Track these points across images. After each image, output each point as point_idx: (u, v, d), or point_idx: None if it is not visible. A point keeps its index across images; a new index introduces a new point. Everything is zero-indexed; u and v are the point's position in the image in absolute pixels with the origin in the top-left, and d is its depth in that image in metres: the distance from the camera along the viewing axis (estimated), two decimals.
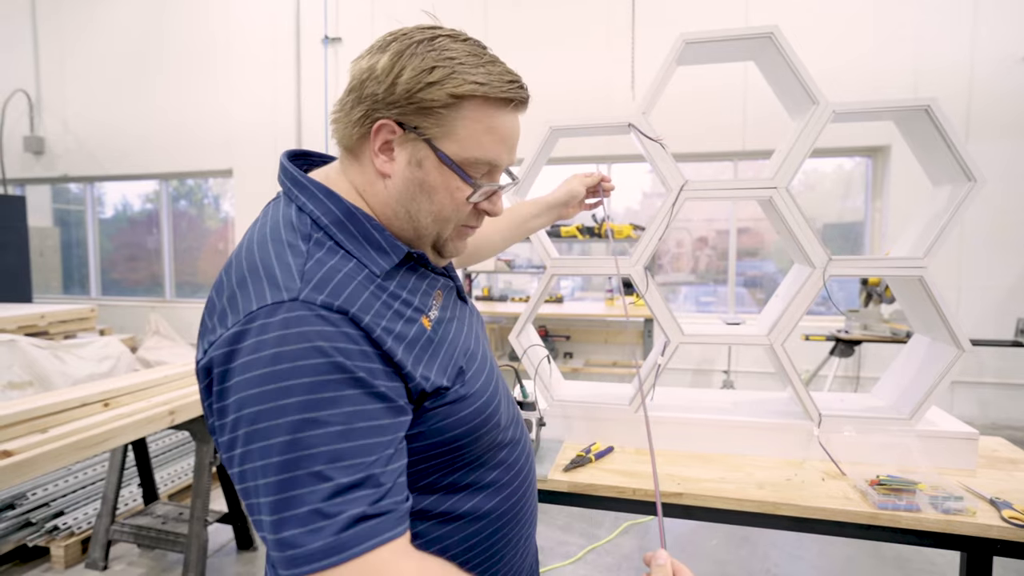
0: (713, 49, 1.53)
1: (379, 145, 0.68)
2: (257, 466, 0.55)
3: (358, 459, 0.56)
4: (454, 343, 0.74)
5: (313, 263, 0.62)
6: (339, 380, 0.57)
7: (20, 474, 1.85)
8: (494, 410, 0.76)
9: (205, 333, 0.62)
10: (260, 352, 0.56)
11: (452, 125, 0.66)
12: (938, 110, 1.40)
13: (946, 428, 1.48)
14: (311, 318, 0.57)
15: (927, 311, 1.49)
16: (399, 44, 0.66)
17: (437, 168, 0.68)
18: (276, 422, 0.54)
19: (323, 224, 0.67)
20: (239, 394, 0.56)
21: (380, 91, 0.65)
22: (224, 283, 0.63)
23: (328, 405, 0.56)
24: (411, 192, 0.69)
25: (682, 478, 1.41)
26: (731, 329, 1.69)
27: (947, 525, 1.21)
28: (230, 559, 2.71)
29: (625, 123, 1.52)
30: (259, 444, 0.55)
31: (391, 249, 0.69)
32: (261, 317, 0.57)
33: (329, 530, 0.52)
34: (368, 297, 0.64)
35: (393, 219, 0.72)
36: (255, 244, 0.65)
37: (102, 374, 3.98)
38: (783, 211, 1.48)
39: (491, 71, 0.67)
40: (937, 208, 1.50)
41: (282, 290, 0.59)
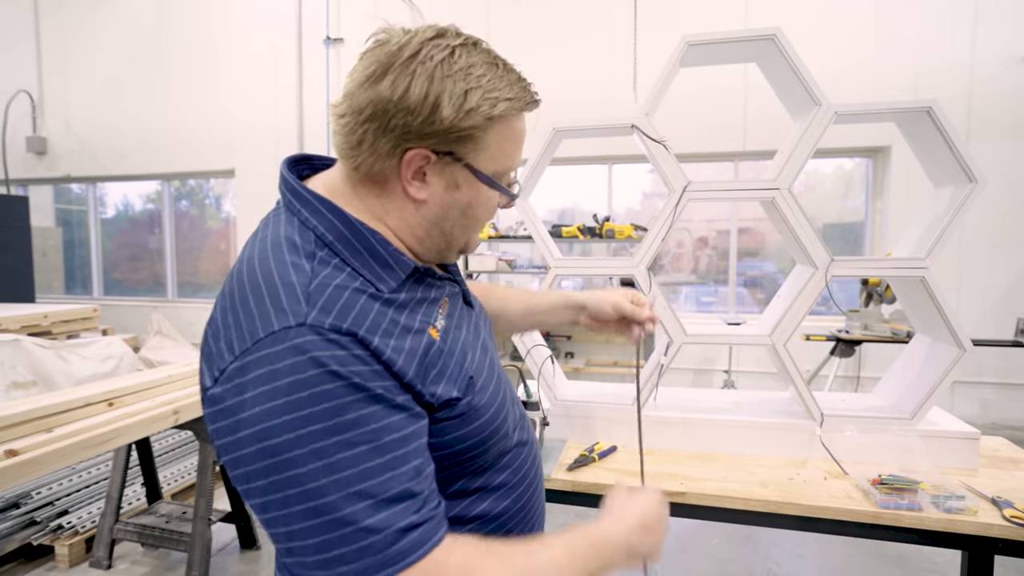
0: (715, 51, 1.54)
1: (412, 174, 0.66)
2: (290, 495, 0.55)
3: (394, 472, 0.57)
4: (463, 351, 0.73)
5: (318, 283, 0.61)
6: (359, 399, 0.57)
7: (25, 473, 1.86)
8: (503, 419, 0.76)
9: (212, 358, 0.60)
10: (275, 382, 0.55)
11: (486, 143, 0.67)
12: (939, 112, 1.41)
13: (947, 428, 1.49)
14: (321, 343, 0.57)
15: (928, 311, 1.50)
16: (423, 67, 0.62)
17: (475, 187, 0.69)
18: (303, 450, 0.54)
19: (328, 240, 0.65)
20: (258, 426, 0.55)
21: (415, 123, 0.62)
22: (227, 304, 0.62)
23: (353, 426, 0.56)
24: (448, 214, 0.70)
25: (685, 477, 1.42)
26: (733, 329, 1.70)
27: (949, 524, 1.22)
28: (233, 558, 2.72)
29: (628, 124, 1.53)
30: (288, 473, 0.54)
31: (397, 265, 0.68)
32: (269, 345, 0.56)
33: (380, 544, 0.54)
34: (376, 316, 0.62)
35: (425, 239, 0.72)
36: (256, 262, 0.63)
37: (105, 374, 3.99)
38: (786, 212, 1.49)
39: (511, 81, 0.67)
40: (939, 209, 1.51)
41: (288, 314, 0.58)
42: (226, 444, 0.58)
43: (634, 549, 0.73)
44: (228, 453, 0.58)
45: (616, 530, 0.72)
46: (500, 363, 0.87)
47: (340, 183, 0.71)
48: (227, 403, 0.57)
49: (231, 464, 0.58)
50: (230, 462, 0.58)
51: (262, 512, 0.57)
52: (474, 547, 0.62)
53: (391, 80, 0.62)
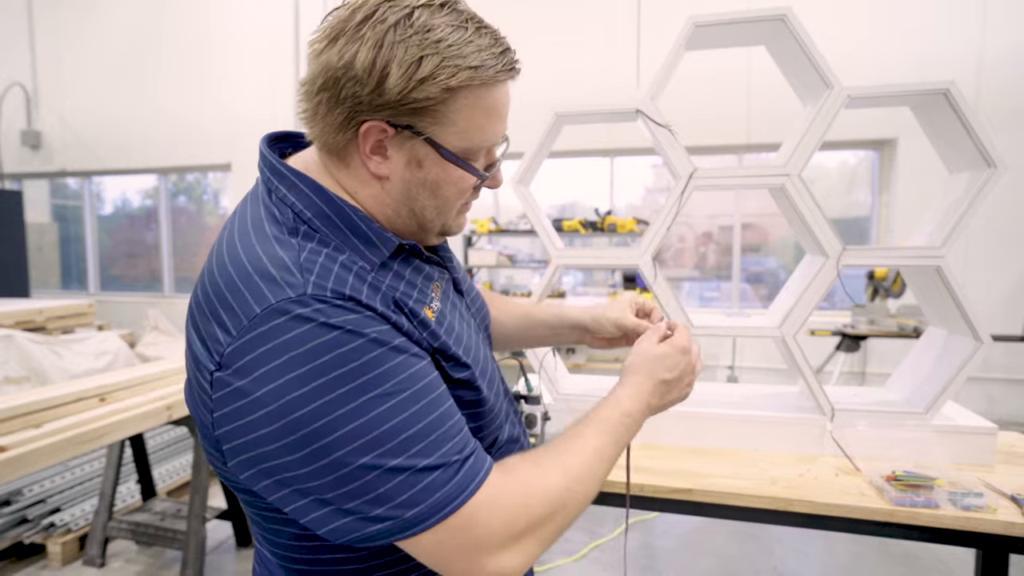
0: (723, 32, 1.49)
1: (370, 147, 0.62)
2: (337, 457, 0.53)
3: (436, 412, 0.58)
4: (459, 338, 0.70)
5: (307, 254, 0.59)
6: (383, 352, 0.56)
7: (14, 470, 1.81)
8: (499, 408, 0.75)
9: (207, 340, 0.57)
10: (288, 353, 0.53)
11: (449, 117, 0.61)
12: (957, 94, 1.35)
13: (963, 423, 1.44)
14: (328, 309, 0.55)
15: (944, 303, 1.45)
16: (373, 32, 0.57)
17: (439, 164, 0.64)
18: (340, 411, 0.53)
19: (306, 217, 0.62)
20: (278, 401, 0.53)
21: (364, 93, 0.58)
22: (212, 285, 0.58)
23: (387, 377, 0.55)
24: (413, 192, 0.65)
25: (693, 474, 1.37)
26: (741, 321, 1.65)
27: (967, 522, 1.17)
28: (228, 556, 2.67)
29: (633, 109, 1.48)
30: (328, 439, 0.53)
31: (380, 242, 0.64)
32: (270, 319, 0.54)
33: (443, 479, 0.55)
34: (368, 289, 0.60)
35: (395, 218, 0.68)
36: (237, 240, 0.60)
37: (99, 369, 3.94)
38: (795, 199, 1.44)
39: (480, 46, 0.60)
40: (955, 196, 1.46)
41: (283, 286, 0.55)
42: (240, 427, 0.55)
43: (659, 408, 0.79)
44: (243, 436, 0.55)
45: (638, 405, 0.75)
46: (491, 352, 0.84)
47: (316, 158, 0.67)
48: (236, 384, 0.54)
49: (247, 447, 0.55)
50: (245, 444, 0.55)
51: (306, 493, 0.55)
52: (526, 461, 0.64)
53: (340, 46, 0.58)
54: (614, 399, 0.74)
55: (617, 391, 0.76)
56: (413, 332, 0.62)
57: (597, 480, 0.67)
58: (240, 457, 0.56)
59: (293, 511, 0.56)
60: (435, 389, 0.60)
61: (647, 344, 0.81)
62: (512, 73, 0.64)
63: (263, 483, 0.56)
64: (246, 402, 0.54)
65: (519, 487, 0.60)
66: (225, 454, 0.57)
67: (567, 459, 0.65)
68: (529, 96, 4.91)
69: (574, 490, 0.63)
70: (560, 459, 0.65)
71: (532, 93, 4.99)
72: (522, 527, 0.58)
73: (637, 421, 0.74)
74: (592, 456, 0.66)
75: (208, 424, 0.58)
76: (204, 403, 0.58)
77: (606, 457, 0.68)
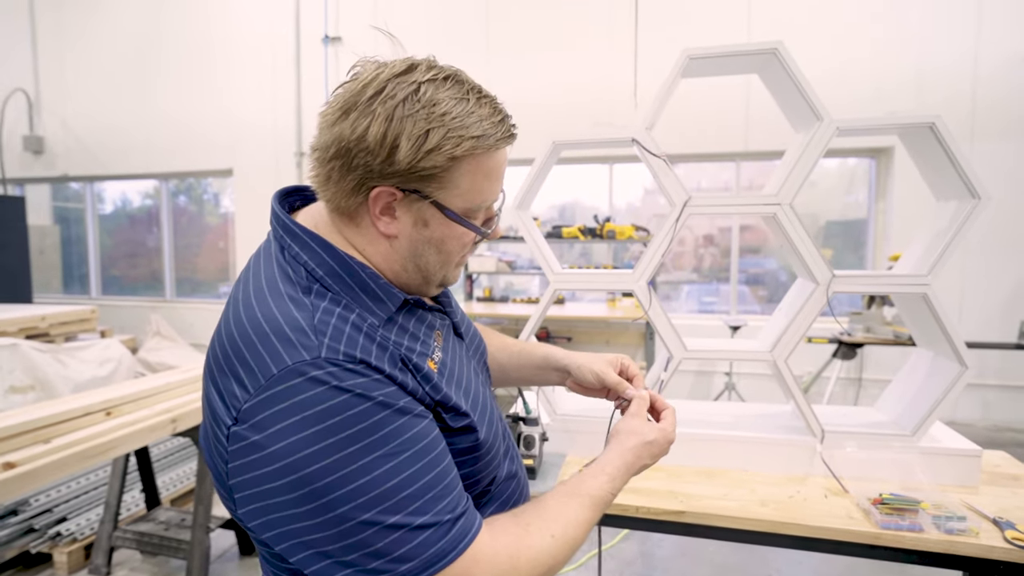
0: (717, 64, 1.52)
1: (379, 210, 0.67)
2: (337, 515, 0.57)
3: (434, 472, 0.62)
4: (459, 384, 0.74)
5: (321, 314, 0.62)
6: (388, 415, 0.60)
7: (23, 485, 1.85)
8: (495, 453, 0.78)
9: (224, 395, 0.61)
10: (301, 413, 0.57)
11: (454, 181, 0.66)
12: (943, 127, 1.39)
13: (949, 445, 1.48)
14: (340, 372, 0.59)
15: (930, 327, 1.49)
16: (384, 107, 0.62)
17: (444, 223, 0.69)
18: (346, 471, 0.57)
19: (318, 276, 0.66)
20: (289, 458, 0.56)
21: (375, 162, 0.63)
22: (230, 343, 0.62)
23: (390, 438, 0.59)
24: (420, 249, 0.70)
25: (685, 495, 1.41)
26: (734, 344, 1.69)
27: (950, 546, 1.21)
28: (232, 565, 2.72)
29: (629, 138, 1.52)
30: (332, 496, 0.57)
31: (387, 297, 0.69)
32: (285, 379, 0.58)
33: (435, 537, 0.59)
34: (376, 348, 0.64)
35: (401, 272, 0.72)
36: (253, 300, 0.64)
37: (103, 377, 3.98)
38: (787, 227, 1.48)
39: (481, 116, 0.65)
40: (941, 224, 1.50)
41: (299, 348, 0.59)
42: (253, 478, 0.58)
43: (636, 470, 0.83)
44: (254, 487, 0.58)
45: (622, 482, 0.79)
46: (492, 394, 0.87)
47: (325, 216, 0.71)
48: (250, 440, 0.58)
49: (259, 496, 0.58)
50: (255, 495, 0.58)
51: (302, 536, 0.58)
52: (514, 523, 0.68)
53: (352, 119, 0.63)
54: (605, 475, 0.78)
55: (607, 466, 0.79)
56: (417, 390, 0.66)
57: (576, 546, 0.71)
58: (251, 506, 0.59)
59: (297, 562, 0.59)
60: (434, 448, 0.63)
61: (639, 423, 0.85)
62: (510, 140, 0.69)
63: (269, 533, 0.59)
64: (259, 456, 0.57)
65: (507, 548, 0.64)
66: (237, 503, 0.61)
67: (553, 527, 0.69)
68: (530, 102, 4.95)
69: (557, 556, 0.68)
70: (547, 525, 0.69)
71: (533, 100, 5.03)
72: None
73: (615, 495, 0.79)
74: (576, 526, 0.71)
75: (223, 473, 0.61)
76: (220, 454, 0.61)
77: (588, 527, 0.73)
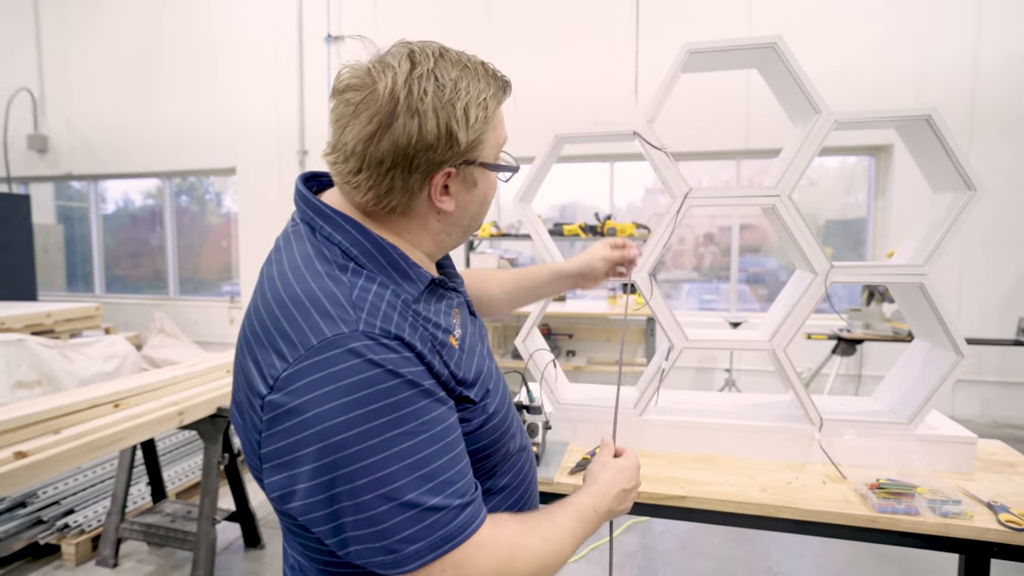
0: (717, 58, 1.55)
1: (439, 193, 0.72)
2: (359, 485, 0.59)
3: (448, 456, 0.64)
4: (478, 359, 0.79)
5: (359, 291, 0.65)
6: (414, 394, 0.62)
7: (34, 475, 1.88)
8: (510, 422, 0.82)
9: (263, 367, 0.63)
10: (336, 383, 0.59)
11: (486, 139, 0.72)
12: (939, 119, 1.42)
13: (945, 432, 1.51)
14: (375, 346, 0.61)
15: (927, 317, 1.52)
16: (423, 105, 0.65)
17: (485, 176, 0.76)
18: (370, 442, 0.59)
19: (353, 254, 0.69)
20: (321, 425, 0.59)
21: (436, 155, 0.67)
22: (268, 317, 0.65)
23: (413, 417, 0.62)
24: (470, 210, 0.76)
25: (686, 481, 1.44)
26: (734, 334, 1.71)
27: (945, 528, 1.24)
28: (238, 557, 2.75)
29: (630, 132, 1.54)
30: (357, 465, 0.59)
31: (417, 277, 0.72)
32: (324, 350, 0.60)
33: (443, 521, 0.61)
34: (408, 327, 0.67)
35: (446, 240, 0.78)
36: (290, 275, 0.67)
37: (108, 373, 4.02)
38: (786, 219, 1.50)
39: (481, 75, 0.71)
40: (938, 215, 1.52)
41: (338, 322, 0.62)
42: (284, 446, 0.61)
43: (614, 512, 0.88)
44: (286, 455, 0.61)
45: (604, 503, 0.84)
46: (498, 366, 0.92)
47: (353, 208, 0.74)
48: (286, 407, 0.60)
49: (288, 464, 0.61)
50: (287, 463, 0.61)
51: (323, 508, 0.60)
52: (513, 519, 0.72)
53: (402, 127, 0.65)
54: (586, 495, 0.84)
55: (587, 491, 0.85)
56: (442, 372, 0.69)
57: (567, 556, 0.75)
58: (279, 475, 0.62)
59: (320, 533, 0.62)
60: (451, 434, 0.66)
61: (607, 458, 0.94)
62: (509, 85, 0.75)
63: (294, 503, 0.61)
64: (292, 423, 0.60)
65: (508, 541, 0.67)
66: (265, 472, 0.63)
67: (547, 531, 0.73)
68: (531, 101, 4.97)
69: (547, 558, 0.71)
70: (542, 528, 0.73)
71: (534, 99, 5.05)
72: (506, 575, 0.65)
73: (601, 518, 0.83)
74: (568, 535, 0.75)
75: (255, 443, 0.64)
76: (254, 424, 0.64)
77: (576, 539, 0.77)
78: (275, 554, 2.77)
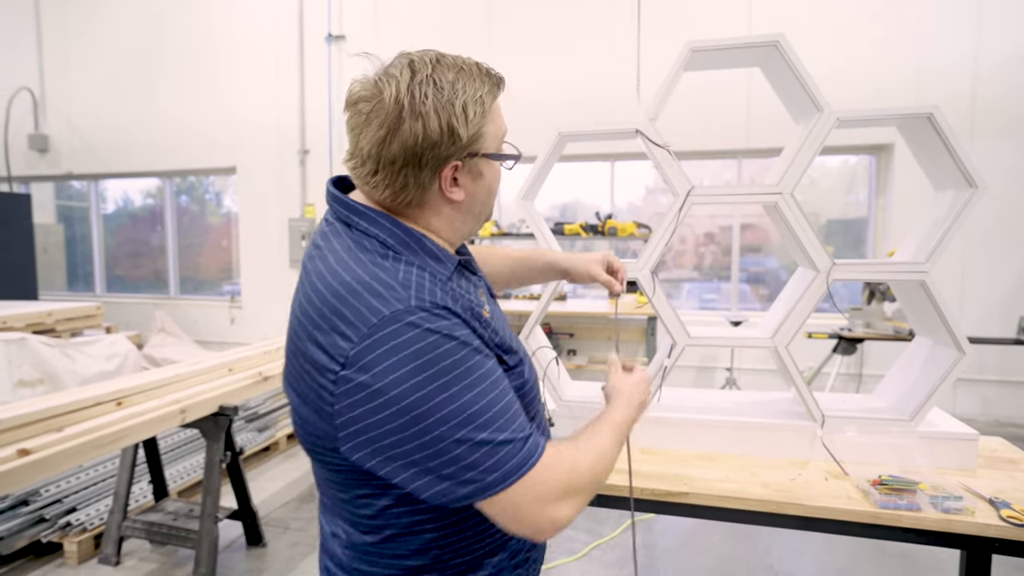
0: (719, 56, 1.55)
1: (448, 184, 0.79)
2: (436, 435, 0.68)
3: (506, 399, 0.74)
4: (509, 332, 0.88)
5: (402, 274, 0.74)
6: (469, 352, 0.72)
7: (37, 472, 1.89)
8: (536, 393, 0.91)
9: (328, 348, 0.70)
10: (402, 352, 0.68)
11: (486, 131, 0.79)
12: (941, 117, 1.42)
13: (947, 429, 1.51)
14: (429, 317, 0.70)
15: (929, 314, 1.52)
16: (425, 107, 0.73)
17: (489, 166, 0.83)
18: (441, 397, 0.68)
19: (389, 244, 0.77)
20: (395, 390, 0.67)
21: (442, 150, 0.75)
22: (323, 306, 0.72)
23: (472, 372, 0.71)
24: (479, 198, 0.84)
25: (689, 478, 1.44)
26: (736, 331, 1.72)
27: (947, 524, 1.24)
28: (240, 555, 2.75)
29: (632, 129, 1.55)
30: (432, 419, 0.68)
31: (446, 259, 0.81)
32: (386, 325, 0.68)
33: (513, 451, 0.71)
34: (450, 299, 0.76)
35: (462, 227, 0.85)
36: (340, 268, 0.74)
37: (110, 372, 4.02)
38: (788, 216, 1.51)
39: (476, 74, 0.78)
40: (940, 213, 1.53)
41: (392, 301, 0.70)
42: (360, 414, 0.68)
43: (636, 420, 0.97)
44: (362, 421, 0.69)
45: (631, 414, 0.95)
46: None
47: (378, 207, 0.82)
48: (359, 379, 0.68)
49: (365, 430, 0.69)
50: (363, 428, 0.69)
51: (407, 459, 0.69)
52: (567, 443, 0.81)
53: (408, 129, 0.73)
54: (616, 412, 0.93)
55: (616, 407, 0.95)
56: (484, 334, 0.78)
57: (612, 464, 0.85)
58: (358, 439, 0.70)
59: (400, 481, 0.70)
60: (503, 381, 0.76)
61: (623, 375, 1.06)
62: (502, 80, 0.83)
63: (375, 460, 0.70)
64: (367, 393, 0.68)
65: (568, 458, 0.77)
66: (340, 440, 0.71)
67: (596, 444, 0.84)
68: (532, 101, 4.98)
69: (599, 469, 0.81)
70: (592, 445, 0.83)
71: (535, 98, 5.05)
72: (572, 487, 0.75)
73: (629, 428, 0.95)
74: (613, 446, 0.86)
75: (329, 415, 0.71)
76: (324, 399, 0.71)
77: (618, 448, 0.88)
78: (277, 552, 2.77)
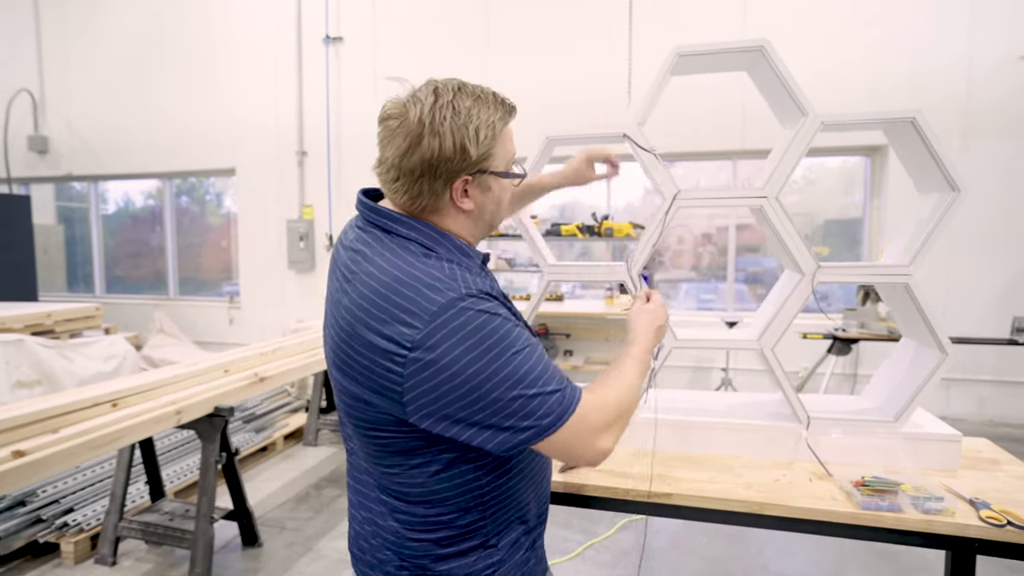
0: (706, 61, 1.57)
1: (460, 195, 0.91)
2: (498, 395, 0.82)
3: (545, 359, 0.88)
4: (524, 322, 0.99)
5: (447, 269, 0.87)
6: (511, 326, 0.86)
7: (33, 473, 1.90)
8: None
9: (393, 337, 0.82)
10: (462, 332, 0.81)
11: (496, 153, 0.92)
12: (924, 121, 1.44)
13: (930, 430, 1.53)
14: (478, 301, 0.84)
15: (913, 316, 1.54)
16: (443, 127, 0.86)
17: (498, 182, 0.96)
18: (498, 364, 0.82)
19: (427, 245, 0.91)
20: (459, 364, 0.80)
21: (454, 165, 0.88)
22: (382, 302, 0.84)
23: (518, 340, 0.85)
24: (488, 208, 0.97)
25: (673, 479, 1.46)
26: (722, 333, 1.73)
27: (928, 525, 1.26)
28: (235, 555, 2.77)
29: (620, 133, 1.56)
30: (494, 381, 0.82)
31: (473, 254, 0.97)
32: (445, 311, 0.82)
33: (560, 396, 0.86)
34: (488, 285, 0.89)
35: (475, 231, 0.99)
36: (392, 269, 0.87)
37: (108, 373, 4.04)
38: (773, 220, 1.52)
39: (493, 103, 0.90)
40: (923, 216, 1.54)
41: (445, 291, 0.83)
42: (431, 387, 0.81)
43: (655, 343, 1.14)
44: (433, 393, 0.82)
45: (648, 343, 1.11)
46: None
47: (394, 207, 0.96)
48: (427, 359, 0.80)
49: (436, 399, 0.82)
50: (435, 399, 0.82)
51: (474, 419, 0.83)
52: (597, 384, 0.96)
53: (427, 144, 0.86)
54: (635, 346, 1.08)
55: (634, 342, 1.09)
56: (515, 311, 0.93)
57: (639, 395, 1.03)
58: (427, 410, 0.83)
59: (467, 438, 0.84)
60: (540, 345, 0.91)
61: (640, 306, 1.20)
62: (514, 110, 0.95)
63: (443, 425, 0.84)
64: (435, 369, 0.81)
65: (602, 396, 0.92)
66: (409, 412, 0.83)
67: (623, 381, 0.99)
68: (527, 101, 4.99)
69: (629, 401, 0.96)
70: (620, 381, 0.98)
71: (530, 98, 5.07)
72: (611, 419, 0.90)
73: (649, 354, 1.10)
74: (637, 378, 1.01)
75: (397, 392, 0.83)
76: (391, 380, 0.83)
77: (641, 377, 1.03)
78: (272, 552, 2.79)
